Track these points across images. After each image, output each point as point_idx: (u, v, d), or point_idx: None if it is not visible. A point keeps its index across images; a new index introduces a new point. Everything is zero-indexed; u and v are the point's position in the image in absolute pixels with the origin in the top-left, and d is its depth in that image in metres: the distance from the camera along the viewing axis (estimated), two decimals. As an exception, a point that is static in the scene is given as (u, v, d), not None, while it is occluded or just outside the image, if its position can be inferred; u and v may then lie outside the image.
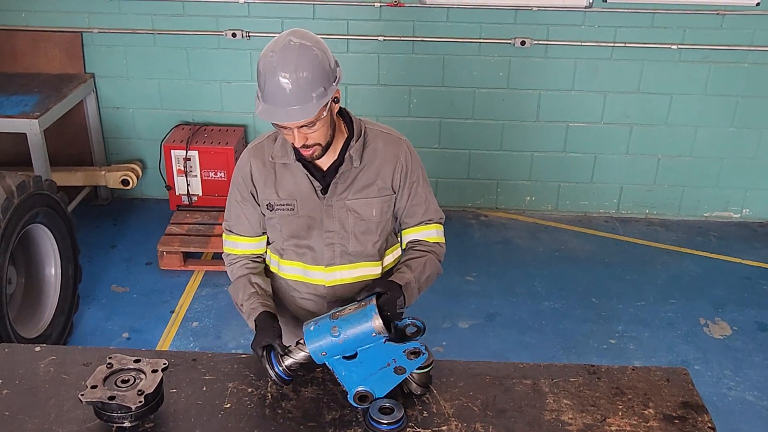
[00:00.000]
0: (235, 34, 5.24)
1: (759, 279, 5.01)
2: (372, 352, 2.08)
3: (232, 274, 2.46)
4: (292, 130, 2.11)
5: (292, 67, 2.03)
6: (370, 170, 2.32)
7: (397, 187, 2.36)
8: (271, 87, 2.05)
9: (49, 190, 3.99)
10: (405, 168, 2.35)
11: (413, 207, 2.41)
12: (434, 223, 2.45)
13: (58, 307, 4.16)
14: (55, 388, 2.19)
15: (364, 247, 2.38)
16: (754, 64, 5.23)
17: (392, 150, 2.34)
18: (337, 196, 2.30)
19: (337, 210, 2.31)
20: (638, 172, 5.62)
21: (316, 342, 2.07)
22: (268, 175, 2.32)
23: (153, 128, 5.55)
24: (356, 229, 2.35)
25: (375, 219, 2.35)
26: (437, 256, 2.44)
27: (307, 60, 2.04)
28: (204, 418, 2.11)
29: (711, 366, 4.16)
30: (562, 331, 4.43)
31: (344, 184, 2.30)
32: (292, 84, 2.03)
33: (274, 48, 2.06)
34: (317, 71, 2.06)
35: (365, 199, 2.32)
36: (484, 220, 5.69)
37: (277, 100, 2.05)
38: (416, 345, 2.09)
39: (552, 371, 2.35)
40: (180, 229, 5.02)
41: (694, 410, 2.21)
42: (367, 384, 2.08)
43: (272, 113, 2.07)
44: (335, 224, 2.33)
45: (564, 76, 5.34)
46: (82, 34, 5.34)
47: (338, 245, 2.36)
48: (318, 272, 2.39)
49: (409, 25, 5.21)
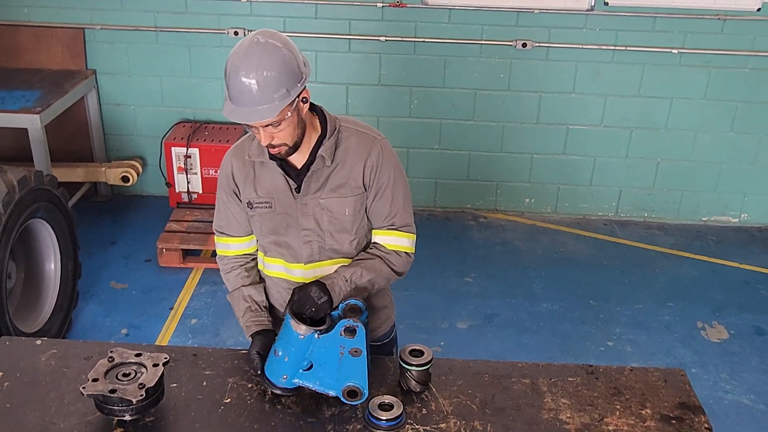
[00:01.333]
0: (237, 32, 5.26)
1: (757, 283, 5.02)
2: (318, 352, 2.10)
3: (229, 285, 2.48)
4: (258, 130, 2.13)
5: (254, 67, 2.03)
6: (342, 169, 2.30)
7: (368, 185, 2.33)
8: (235, 86, 2.06)
9: (50, 186, 4.00)
10: (374, 167, 2.31)
11: (377, 209, 2.36)
12: (398, 230, 2.37)
13: (57, 302, 4.16)
14: (56, 381, 2.20)
15: (341, 244, 2.38)
16: (754, 70, 5.25)
17: (364, 148, 2.31)
18: (311, 195, 2.30)
19: (312, 208, 2.32)
20: (637, 176, 5.64)
21: (273, 372, 2.14)
22: (247, 174, 2.34)
23: (154, 125, 5.56)
24: (331, 227, 2.35)
25: (349, 218, 2.34)
26: (389, 263, 2.36)
27: (271, 60, 2.04)
28: (204, 412, 2.12)
29: (708, 369, 4.18)
30: (560, 332, 4.44)
31: (317, 182, 2.30)
32: (254, 84, 2.03)
33: (239, 48, 2.07)
34: (281, 71, 2.05)
35: (338, 198, 2.31)
36: (484, 221, 5.71)
37: (241, 100, 2.06)
38: (346, 322, 2.09)
39: (550, 371, 2.36)
40: (180, 227, 5.02)
41: (691, 411, 2.22)
42: (342, 380, 2.10)
43: (235, 113, 2.09)
44: (311, 222, 2.33)
45: (565, 79, 5.36)
46: (85, 30, 5.35)
47: (315, 242, 2.36)
48: (298, 269, 2.40)
49: (411, 26, 5.23)
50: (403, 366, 2.20)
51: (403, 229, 2.38)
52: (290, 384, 2.14)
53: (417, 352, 2.22)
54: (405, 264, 2.41)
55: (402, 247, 2.39)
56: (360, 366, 2.10)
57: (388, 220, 2.37)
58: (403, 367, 2.21)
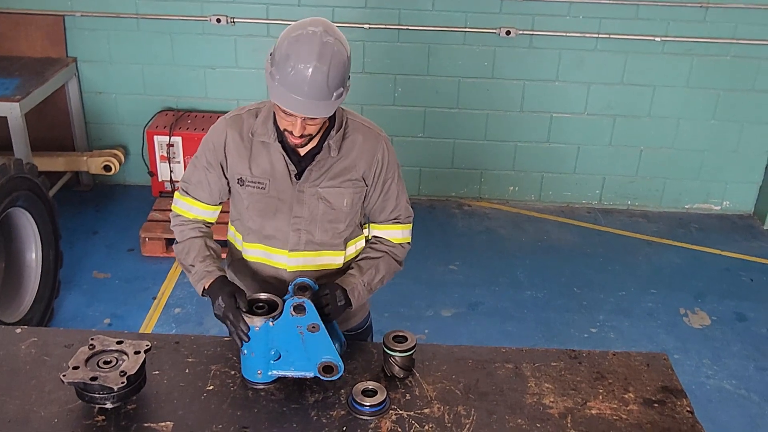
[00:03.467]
0: (219, 19, 5.21)
1: (738, 270, 5.07)
2: (279, 339, 2.11)
3: (182, 234, 2.40)
4: (296, 119, 2.09)
5: (326, 65, 2.01)
6: (346, 161, 2.31)
7: (370, 182, 2.35)
8: (298, 76, 2.01)
9: (30, 174, 3.95)
10: (381, 165, 2.34)
11: (384, 203, 2.40)
12: (401, 223, 2.45)
13: (39, 292, 4.12)
14: (37, 369, 2.18)
15: (330, 236, 2.37)
16: (736, 57, 5.28)
17: (371, 144, 2.33)
18: (310, 183, 2.29)
19: (308, 197, 2.30)
20: (621, 164, 5.66)
21: (247, 371, 2.17)
22: (243, 150, 2.29)
23: (136, 114, 5.51)
24: (324, 217, 2.34)
25: (345, 209, 2.34)
26: (395, 257, 2.44)
27: (339, 61, 2.04)
28: (186, 399, 2.10)
29: (690, 355, 4.21)
30: (544, 320, 4.46)
31: (318, 171, 2.29)
32: (320, 80, 2.01)
33: (309, 39, 2.01)
34: (343, 72, 2.07)
35: (338, 189, 2.31)
36: (468, 209, 5.71)
37: (299, 91, 2.02)
38: (292, 301, 2.08)
39: (534, 356, 2.37)
40: (162, 216, 4.98)
41: (674, 394, 2.24)
42: (313, 359, 2.11)
43: (290, 102, 2.04)
44: (304, 210, 2.31)
45: (548, 67, 5.36)
46: (65, 17, 5.28)
47: (304, 231, 2.34)
48: (281, 256, 2.38)
49: (394, 14, 5.20)
50: (387, 352, 2.20)
51: (406, 221, 2.47)
52: (267, 378, 2.15)
53: (400, 338, 2.21)
54: (405, 253, 2.49)
55: (405, 238, 2.47)
56: (323, 340, 2.10)
57: (393, 214, 2.43)
58: (387, 353, 2.20)
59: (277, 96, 2.06)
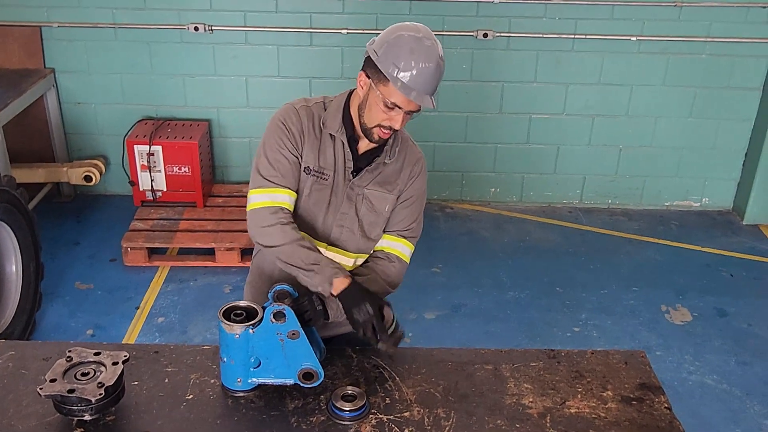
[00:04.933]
0: (197, 27, 5.21)
1: (718, 266, 5.11)
2: (259, 346, 2.11)
3: (285, 236, 2.26)
4: (400, 113, 2.19)
5: (441, 66, 2.18)
6: (394, 168, 2.40)
7: (402, 191, 2.43)
8: (422, 72, 2.14)
9: (9, 186, 3.93)
10: (415, 176, 2.44)
11: (400, 214, 2.45)
12: (407, 239, 2.48)
13: (20, 305, 4.09)
14: (14, 383, 2.16)
15: (367, 238, 2.43)
16: (711, 55, 5.33)
17: (414, 157, 2.45)
18: (360, 182, 2.37)
19: (356, 195, 2.38)
20: (600, 163, 5.70)
21: (227, 378, 2.16)
22: (315, 139, 2.33)
23: (115, 123, 5.49)
24: (365, 218, 2.40)
25: (385, 215, 2.42)
26: (386, 277, 2.45)
27: (444, 66, 2.22)
28: (166, 409, 2.10)
29: (672, 351, 4.24)
30: (527, 320, 4.48)
31: (371, 173, 2.38)
32: (436, 75, 2.17)
33: (426, 36, 2.17)
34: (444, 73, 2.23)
35: (382, 194, 2.39)
36: (450, 212, 5.73)
37: (417, 84, 2.14)
38: (272, 308, 2.08)
39: (513, 356, 2.38)
40: (144, 225, 4.98)
41: (651, 391, 2.25)
42: (293, 366, 2.11)
43: (411, 93, 2.15)
44: (351, 208, 2.38)
45: (526, 68, 5.39)
46: (41, 28, 5.26)
47: (347, 229, 2.40)
48: (319, 248, 2.39)
49: (371, 18, 5.21)
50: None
51: (411, 240, 2.51)
52: (247, 385, 2.15)
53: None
54: (399, 273, 2.50)
55: (403, 255, 2.49)
56: (303, 347, 2.10)
57: (404, 226, 2.47)
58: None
59: (397, 86, 2.14)
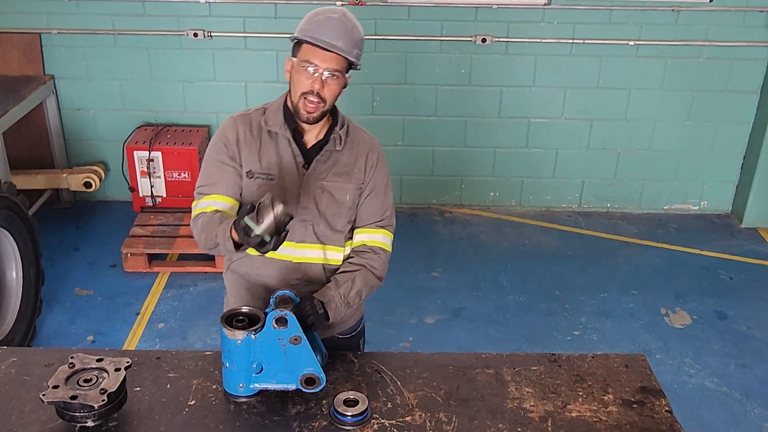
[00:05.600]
0: (196, 33, 5.22)
1: (717, 269, 5.12)
2: (262, 352, 2.11)
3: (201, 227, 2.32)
4: (319, 71, 2.25)
5: (349, 24, 2.28)
6: (349, 157, 2.43)
7: (365, 181, 2.45)
8: (327, 22, 2.24)
9: (9, 193, 3.93)
10: (374, 165, 2.46)
11: (371, 204, 2.47)
12: (383, 229, 2.50)
13: (20, 311, 4.10)
14: (17, 389, 2.17)
15: (333, 230, 2.44)
16: (708, 59, 5.35)
17: (368, 145, 2.48)
18: (316, 175, 2.39)
19: (314, 189, 2.39)
20: (599, 167, 5.72)
21: (228, 384, 2.16)
22: (253, 143, 2.38)
23: (115, 129, 5.50)
24: (327, 210, 2.41)
25: (347, 204, 2.43)
26: (373, 270, 2.45)
27: (359, 28, 2.32)
28: (168, 415, 2.10)
29: (672, 354, 4.25)
30: (527, 324, 4.49)
31: (324, 164, 2.40)
32: (345, 33, 2.25)
33: (333, 9, 2.31)
34: (361, 39, 2.33)
35: (342, 184, 2.41)
36: (449, 216, 5.74)
37: (324, 34, 2.23)
38: (275, 313, 2.09)
39: (514, 360, 2.39)
40: (144, 231, 4.98)
41: (652, 395, 2.26)
42: (295, 371, 2.11)
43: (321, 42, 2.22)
44: (310, 202, 2.40)
45: (525, 73, 5.41)
46: (41, 35, 5.28)
47: (310, 223, 2.41)
48: (287, 248, 2.39)
49: (371, 24, 5.23)
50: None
51: (388, 228, 2.52)
52: (249, 391, 2.15)
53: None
54: (384, 264, 2.51)
55: (385, 244, 2.51)
56: (306, 352, 2.11)
57: (378, 217, 2.49)
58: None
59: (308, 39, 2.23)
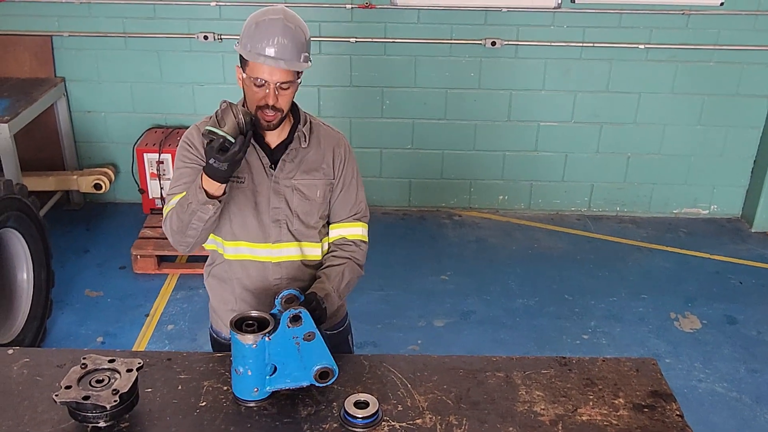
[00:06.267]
0: (206, 36, 5.24)
1: (727, 273, 5.10)
2: (276, 352, 2.10)
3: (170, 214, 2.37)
4: (269, 86, 2.22)
5: (291, 28, 2.23)
6: (316, 153, 2.44)
7: (335, 176, 2.47)
8: (269, 33, 2.20)
9: (20, 194, 3.96)
10: (343, 160, 2.48)
11: (345, 199, 2.51)
12: (360, 221, 2.54)
13: (31, 312, 4.12)
14: (29, 389, 2.18)
15: (307, 226, 2.46)
16: (719, 63, 5.34)
17: (334, 140, 2.49)
18: (284, 174, 2.40)
19: (283, 188, 2.40)
20: (608, 171, 5.70)
21: (242, 390, 2.15)
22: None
23: (125, 132, 5.53)
24: (299, 208, 2.43)
25: (318, 201, 2.45)
26: (357, 261, 2.51)
27: (302, 28, 2.28)
28: (179, 416, 2.11)
29: (681, 359, 4.24)
30: (536, 327, 4.48)
31: (292, 163, 2.41)
32: (288, 41, 2.21)
33: (272, 12, 2.25)
34: (306, 42, 2.28)
35: (311, 181, 2.43)
36: (458, 219, 5.74)
37: (269, 49, 2.20)
38: (288, 312, 2.09)
39: (524, 364, 2.38)
40: (154, 233, 4.99)
41: (663, 399, 2.25)
42: (309, 368, 2.11)
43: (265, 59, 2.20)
44: (281, 201, 2.41)
45: (534, 76, 5.40)
46: (52, 37, 5.31)
47: (284, 222, 2.43)
48: (265, 249, 2.43)
49: (380, 27, 5.24)
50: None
51: (364, 220, 2.56)
52: (263, 394, 2.15)
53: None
54: (365, 255, 2.56)
55: (364, 236, 2.55)
56: (319, 347, 2.11)
57: (353, 210, 2.52)
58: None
59: (251, 59, 2.21)
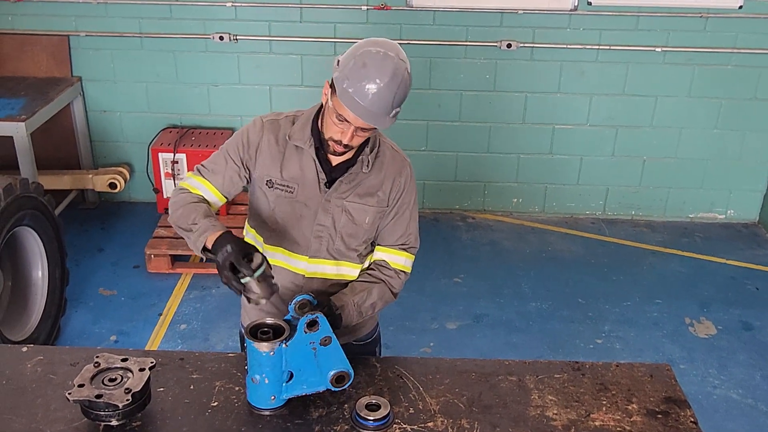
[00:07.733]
0: (222, 37, 5.26)
1: (743, 279, 5.06)
2: (293, 359, 2.09)
3: (183, 200, 2.31)
4: (349, 127, 2.16)
5: (396, 85, 2.12)
6: (375, 179, 2.37)
7: (390, 203, 2.41)
8: (370, 86, 2.10)
9: (36, 193, 3.98)
10: (402, 188, 2.41)
11: (394, 227, 2.44)
12: (407, 251, 2.47)
13: (45, 310, 4.15)
14: (43, 387, 2.19)
15: (348, 247, 2.42)
16: (737, 66, 5.29)
17: (397, 167, 2.41)
18: (337, 194, 2.35)
19: (334, 207, 2.35)
20: (624, 174, 5.67)
21: (259, 399, 2.13)
22: (277, 153, 2.34)
23: (140, 131, 5.55)
24: (345, 229, 2.38)
25: (365, 227, 2.39)
26: (391, 287, 2.45)
27: (406, 86, 2.16)
28: (191, 416, 2.11)
29: (696, 365, 4.20)
30: (549, 331, 4.46)
31: (348, 185, 2.35)
32: (387, 96, 2.12)
33: (386, 58, 2.12)
34: (404, 97, 2.19)
35: (363, 206, 2.37)
36: (472, 222, 5.72)
37: (365, 99, 2.11)
38: (305, 318, 2.08)
39: (537, 368, 2.37)
40: (168, 232, 5.01)
41: (677, 405, 2.23)
42: (325, 373, 2.07)
43: (356, 107, 2.12)
44: (328, 219, 2.36)
45: (550, 79, 5.38)
46: (69, 37, 5.34)
47: (325, 240, 2.39)
48: (301, 261, 2.40)
49: (395, 28, 5.24)
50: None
51: (411, 251, 2.48)
52: (280, 402, 2.13)
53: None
54: (402, 285, 2.49)
55: (406, 267, 2.48)
56: (336, 351, 2.08)
57: (402, 240, 2.45)
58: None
59: (343, 100, 2.12)
